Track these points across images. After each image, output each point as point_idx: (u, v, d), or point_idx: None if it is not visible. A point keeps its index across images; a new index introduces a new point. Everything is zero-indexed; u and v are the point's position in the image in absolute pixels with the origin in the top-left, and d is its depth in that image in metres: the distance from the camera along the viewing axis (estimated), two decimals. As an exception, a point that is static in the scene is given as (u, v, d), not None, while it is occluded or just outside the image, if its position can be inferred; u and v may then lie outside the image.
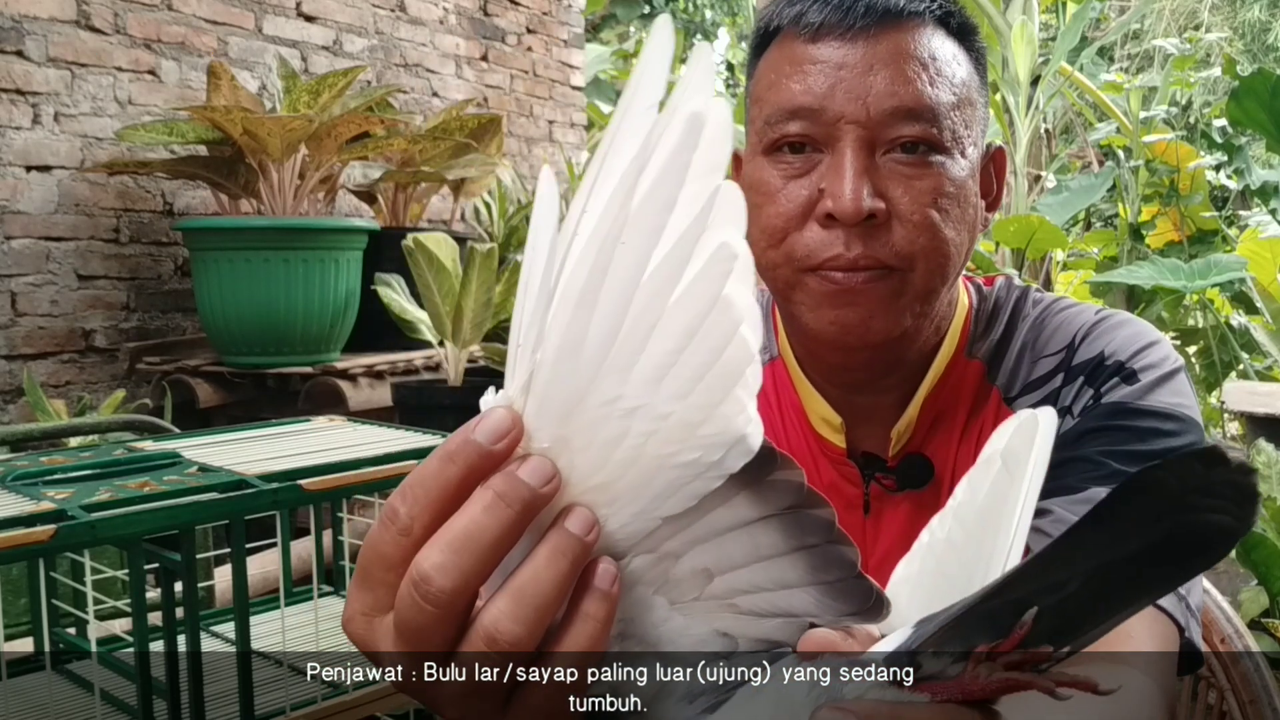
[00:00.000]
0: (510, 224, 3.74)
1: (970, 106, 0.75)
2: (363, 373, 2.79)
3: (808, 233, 0.72)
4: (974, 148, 0.75)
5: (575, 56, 4.85)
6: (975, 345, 0.82)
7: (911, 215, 0.71)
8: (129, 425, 1.94)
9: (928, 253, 0.72)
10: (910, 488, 0.81)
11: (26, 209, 2.70)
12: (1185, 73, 5.78)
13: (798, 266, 0.73)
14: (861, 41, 0.72)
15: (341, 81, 2.83)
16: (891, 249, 0.71)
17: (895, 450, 0.81)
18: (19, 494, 1.10)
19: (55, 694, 1.22)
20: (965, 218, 0.74)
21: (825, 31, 0.73)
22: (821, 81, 0.72)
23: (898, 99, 0.71)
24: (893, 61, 0.72)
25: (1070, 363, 0.78)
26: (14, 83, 2.66)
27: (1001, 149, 0.82)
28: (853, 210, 0.70)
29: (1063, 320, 0.81)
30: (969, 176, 0.74)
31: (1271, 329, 3.90)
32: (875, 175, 0.71)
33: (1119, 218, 4.79)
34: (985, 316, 0.83)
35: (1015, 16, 5.08)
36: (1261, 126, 3.64)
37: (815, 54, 0.73)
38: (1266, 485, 2.47)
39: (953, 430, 0.81)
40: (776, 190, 0.74)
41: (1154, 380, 0.75)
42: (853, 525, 0.82)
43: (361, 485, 1.24)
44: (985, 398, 0.81)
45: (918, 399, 0.80)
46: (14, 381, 2.66)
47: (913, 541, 0.79)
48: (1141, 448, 0.72)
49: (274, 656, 1.29)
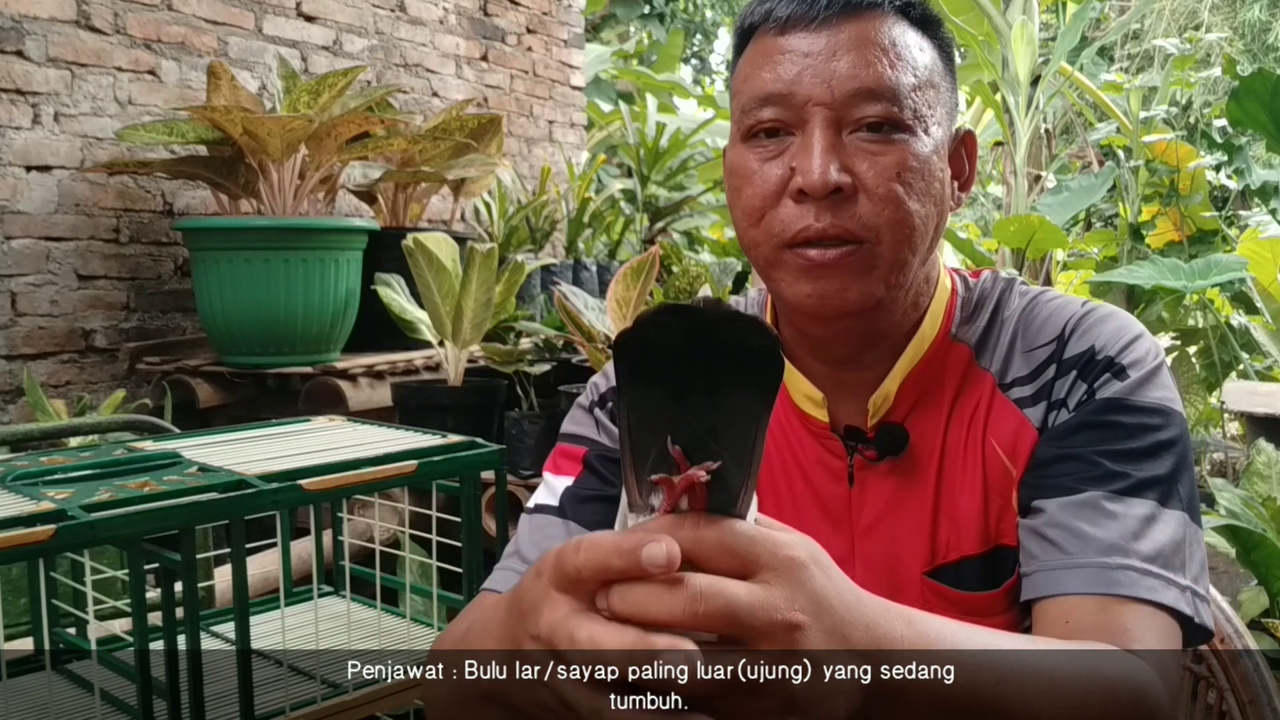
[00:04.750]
0: (510, 224, 3.74)
1: (933, 89, 0.81)
2: (363, 373, 2.79)
3: (783, 209, 0.79)
4: (938, 127, 0.81)
5: (575, 56, 4.85)
6: (960, 329, 0.87)
7: (876, 189, 0.77)
8: (129, 425, 1.94)
9: (893, 224, 0.78)
10: (889, 455, 0.85)
11: (26, 209, 2.70)
12: (1185, 73, 5.78)
13: (775, 243, 0.79)
14: (825, 31, 0.78)
15: (341, 81, 2.83)
16: (858, 220, 0.77)
17: (874, 421, 0.85)
18: (19, 494, 1.10)
19: (55, 694, 1.22)
20: (930, 191, 0.79)
21: (792, 24, 0.79)
22: (790, 69, 0.78)
23: (859, 80, 0.77)
24: (855, 47, 0.78)
25: (1062, 355, 0.83)
26: (14, 83, 2.66)
27: (971, 133, 0.87)
28: (820, 184, 0.76)
29: (1051, 311, 0.85)
30: (933, 153, 0.79)
31: (1271, 329, 3.90)
32: (842, 153, 0.77)
33: (1119, 218, 4.79)
34: (971, 304, 0.88)
35: (1015, 16, 5.08)
36: (1261, 126, 3.64)
37: (784, 45, 0.79)
38: (1266, 485, 2.47)
39: (938, 409, 0.85)
40: (753, 172, 0.80)
41: (1143, 376, 0.80)
42: (838, 496, 0.86)
43: (361, 485, 1.24)
44: (975, 381, 0.85)
45: (896, 373, 0.85)
46: (14, 381, 2.66)
47: (897, 509, 0.83)
48: (1132, 444, 0.77)
49: (274, 656, 1.29)
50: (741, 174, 0.81)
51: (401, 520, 1.73)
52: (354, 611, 1.43)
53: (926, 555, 0.84)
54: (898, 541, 0.84)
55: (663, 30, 10.84)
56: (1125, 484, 0.76)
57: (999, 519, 0.82)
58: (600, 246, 4.28)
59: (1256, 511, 2.25)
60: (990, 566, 0.83)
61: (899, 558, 0.84)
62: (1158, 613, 0.72)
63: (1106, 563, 0.74)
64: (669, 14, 11.59)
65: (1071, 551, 0.75)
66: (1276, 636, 2.22)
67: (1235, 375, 4.05)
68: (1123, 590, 0.73)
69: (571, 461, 0.90)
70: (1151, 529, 0.75)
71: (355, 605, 1.45)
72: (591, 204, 4.15)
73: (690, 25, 12.78)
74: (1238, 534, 2.23)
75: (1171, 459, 0.78)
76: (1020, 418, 0.82)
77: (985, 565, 0.83)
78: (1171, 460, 0.78)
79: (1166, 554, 0.74)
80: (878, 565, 0.85)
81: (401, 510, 1.63)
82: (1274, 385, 3.81)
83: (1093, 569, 0.74)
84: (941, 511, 0.84)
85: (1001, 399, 0.84)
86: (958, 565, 0.83)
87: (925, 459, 0.85)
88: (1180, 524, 0.76)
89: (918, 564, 0.84)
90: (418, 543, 1.67)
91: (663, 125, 5.12)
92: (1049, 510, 0.77)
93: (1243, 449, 3.57)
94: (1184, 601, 0.73)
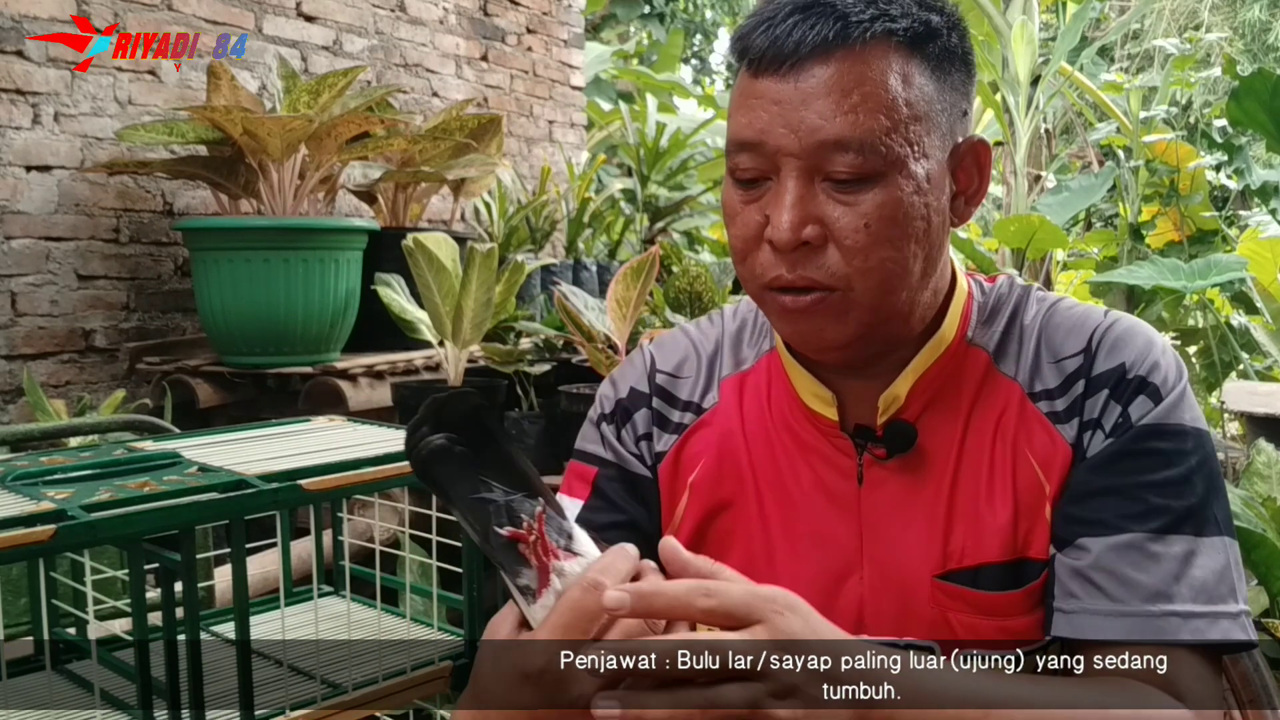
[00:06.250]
0: (510, 224, 3.74)
1: (921, 120, 0.78)
2: (363, 373, 2.79)
3: (761, 254, 0.80)
4: (925, 159, 0.78)
5: (575, 56, 4.85)
6: (977, 333, 0.87)
7: (845, 239, 0.77)
8: (129, 425, 1.94)
9: (864, 272, 0.78)
10: (899, 452, 0.85)
11: (26, 209, 2.70)
12: (1185, 73, 5.78)
13: (757, 284, 0.81)
14: (795, 76, 0.77)
15: (341, 81, 2.83)
16: (827, 270, 0.78)
17: (883, 420, 0.85)
18: (19, 494, 1.10)
19: (55, 694, 1.22)
20: (909, 232, 0.78)
21: (764, 67, 0.78)
22: (762, 116, 0.78)
23: (826, 132, 0.76)
24: (826, 93, 0.76)
25: (1091, 371, 0.83)
26: (14, 83, 2.66)
27: (984, 142, 0.84)
28: (786, 240, 0.77)
29: (1075, 321, 0.85)
30: (914, 192, 0.78)
31: (1271, 329, 3.90)
32: (813, 202, 0.77)
33: (1119, 218, 4.79)
34: (987, 308, 0.88)
35: (1015, 16, 5.08)
36: (1261, 126, 3.63)
37: (757, 89, 0.79)
38: (1266, 485, 2.47)
39: (954, 412, 0.85)
40: (737, 214, 0.81)
41: (1175, 398, 0.81)
42: (848, 495, 0.86)
43: (361, 485, 1.24)
44: (998, 388, 0.85)
45: (908, 374, 0.85)
46: (14, 381, 2.66)
47: (906, 508, 0.83)
48: (1170, 473, 0.79)
49: (274, 656, 1.29)
50: (729, 212, 0.82)
51: (401, 520, 1.73)
52: (354, 611, 1.43)
53: (938, 557, 0.83)
54: (907, 542, 0.84)
55: (663, 30, 10.84)
56: (1165, 520, 0.77)
57: (1028, 532, 0.82)
58: (600, 246, 4.28)
59: (1256, 511, 2.25)
60: (1012, 574, 0.83)
61: (908, 558, 0.84)
62: (1201, 654, 0.75)
63: (1150, 610, 0.75)
64: (669, 14, 11.59)
65: (1117, 598, 0.76)
66: (1276, 636, 2.22)
67: (1235, 375, 4.05)
68: (1167, 636, 0.75)
69: (583, 483, 0.92)
70: (1192, 566, 0.77)
71: (355, 605, 1.45)
72: (591, 204, 4.15)
73: (690, 25, 12.77)
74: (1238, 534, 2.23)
75: (1204, 483, 0.79)
76: (1052, 432, 0.83)
77: (1007, 573, 0.83)
78: (1204, 485, 0.79)
79: (1211, 586, 0.76)
80: (886, 564, 0.85)
81: (401, 510, 1.63)
82: (1274, 385, 3.80)
83: (1138, 618, 0.75)
84: (956, 515, 0.83)
85: (1032, 410, 0.84)
86: (975, 571, 0.83)
87: (939, 460, 0.85)
88: (1221, 550, 0.78)
89: (928, 565, 0.84)
90: (418, 543, 1.67)
91: (663, 125, 5.13)
92: (1094, 551, 0.78)
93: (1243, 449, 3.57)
94: (1237, 628, 0.75)
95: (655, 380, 0.94)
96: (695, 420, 0.92)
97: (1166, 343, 0.84)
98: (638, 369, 0.95)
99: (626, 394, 0.94)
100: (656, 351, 0.96)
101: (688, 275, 2.67)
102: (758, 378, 0.92)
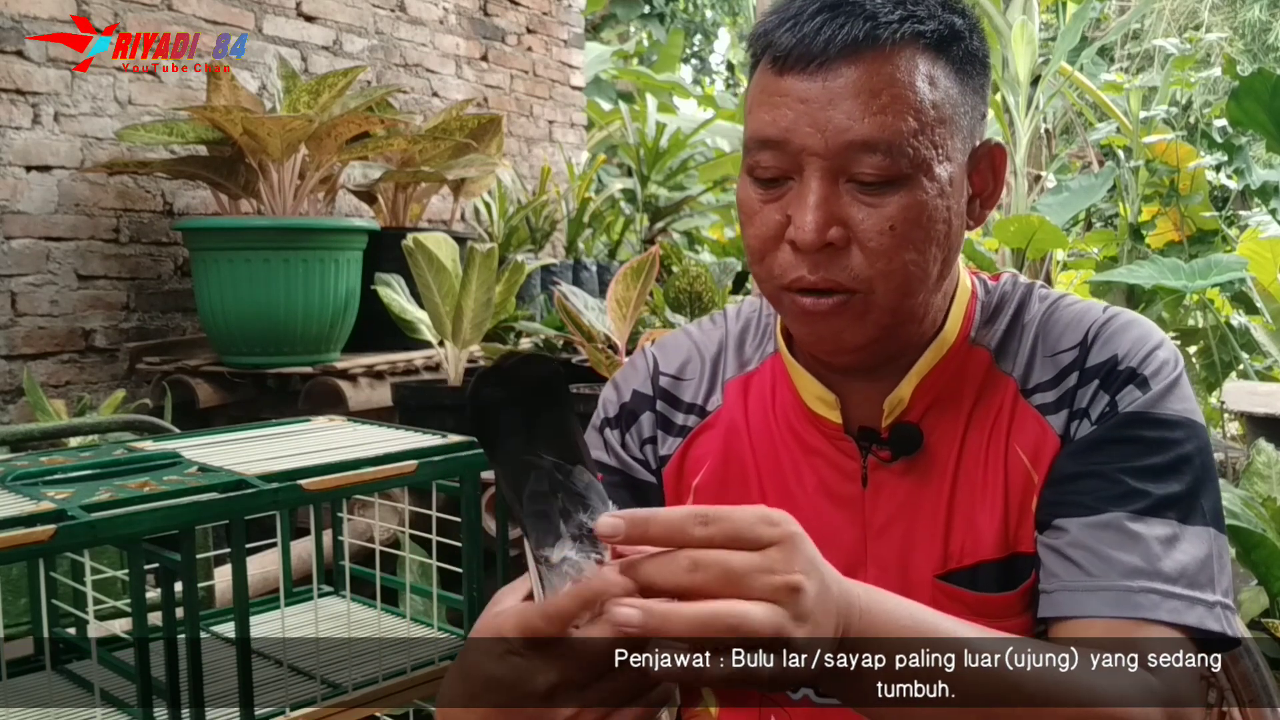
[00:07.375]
0: (510, 224, 3.75)
1: (945, 123, 0.78)
2: (363, 373, 2.79)
3: (781, 254, 0.79)
4: (949, 161, 0.78)
5: (575, 56, 4.85)
6: (980, 333, 0.86)
7: (868, 242, 0.77)
8: (129, 425, 1.94)
9: (886, 275, 0.77)
10: (903, 455, 0.85)
11: (26, 209, 2.70)
12: (1185, 73, 5.78)
13: (775, 284, 0.80)
14: (823, 75, 0.76)
15: (341, 81, 2.83)
16: (850, 273, 0.77)
17: (888, 422, 0.85)
18: (19, 494, 1.10)
19: (55, 694, 1.22)
20: (931, 235, 0.78)
21: (790, 65, 0.77)
22: (787, 115, 0.77)
23: (854, 133, 0.75)
24: (853, 94, 0.75)
25: (1084, 363, 0.82)
26: (14, 83, 2.66)
27: (1000, 145, 0.84)
28: (810, 241, 0.76)
29: (1073, 317, 0.85)
30: (937, 195, 0.77)
31: (1271, 329, 3.90)
32: (836, 203, 0.77)
33: (1119, 218, 4.79)
34: (990, 307, 0.87)
35: (1015, 16, 5.08)
36: (1261, 126, 3.63)
37: (782, 86, 0.77)
38: (1266, 485, 2.47)
39: (956, 412, 0.85)
40: (755, 213, 0.80)
41: (1164, 388, 0.80)
42: (852, 498, 0.86)
43: (361, 485, 1.24)
44: (996, 386, 0.85)
45: (912, 376, 0.84)
46: (14, 381, 2.66)
47: (911, 511, 0.83)
48: (1154, 460, 0.78)
49: (274, 656, 1.29)
50: (746, 211, 0.81)
51: (401, 520, 1.73)
52: (354, 611, 1.43)
53: (939, 558, 0.83)
54: (910, 543, 0.84)
55: (663, 30, 10.84)
56: (1146, 503, 0.76)
57: (1018, 526, 0.82)
58: (600, 246, 4.29)
59: (1256, 511, 2.25)
60: (1007, 572, 0.83)
61: (911, 559, 0.84)
62: (1177, 634, 0.73)
63: (1129, 585, 0.74)
64: (669, 14, 11.59)
65: (1094, 574, 0.76)
66: (1276, 636, 2.22)
67: (1235, 375, 4.05)
68: (1144, 613, 0.74)
69: None
70: (1174, 549, 0.75)
71: (355, 605, 1.45)
72: (591, 204, 4.15)
73: (690, 25, 12.78)
74: (1238, 534, 2.23)
75: (1192, 473, 0.78)
76: (1043, 424, 0.82)
77: (1002, 570, 0.83)
78: (1192, 475, 0.78)
79: (1192, 572, 0.75)
80: (890, 566, 0.85)
81: (401, 510, 1.63)
82: (1274, 385, 3.81)
83: (1115, 592, 0.75)
84: (956, 515, 0.83)
85: (1024, 405, 0.83)
86: (973, 570, 0.83)
87: (941, 461, 0.84)
88: (1206, 540, 0.77)
89: (929, 566, 0.84)
90: (418, 543, 1.67)
91: (663, 125, 5.13)
92: (1072, 530, 0.78)
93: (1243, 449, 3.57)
94: (1212, 618, 0.74)
95: (658, 383, 0.94)
96: (699, 423, 0.92)
97: (1165, 338, 0.83)
98: (640, 372, 0.95)
99: (630, 397, 0.94)
100: (659, 353, 0.96)
101: (688, 275, 2.67)
102: (763, 379, 0.92)
